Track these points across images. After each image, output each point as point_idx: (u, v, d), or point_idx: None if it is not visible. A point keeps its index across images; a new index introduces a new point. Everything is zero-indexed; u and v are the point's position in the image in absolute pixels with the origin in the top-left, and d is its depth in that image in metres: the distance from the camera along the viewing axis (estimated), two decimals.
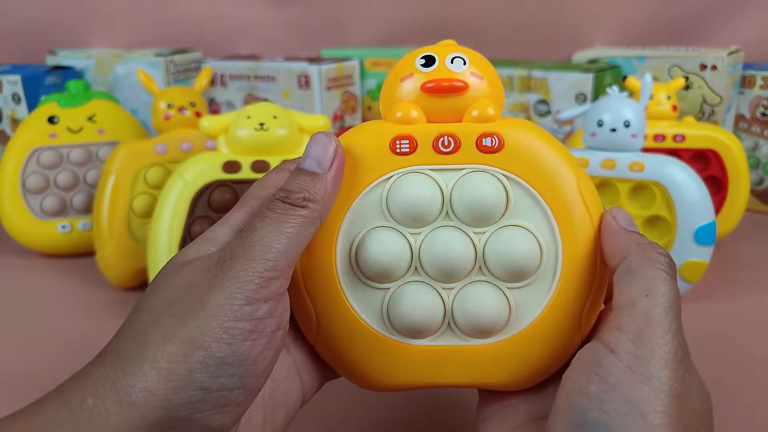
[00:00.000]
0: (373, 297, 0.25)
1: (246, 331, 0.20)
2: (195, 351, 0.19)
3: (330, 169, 0.23)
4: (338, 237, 0.25)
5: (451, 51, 0.25)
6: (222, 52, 0.77)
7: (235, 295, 0.20)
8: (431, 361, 0.25)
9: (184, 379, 0.19)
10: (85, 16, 0.80)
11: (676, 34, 0.73)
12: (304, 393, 0.26)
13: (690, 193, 0.43)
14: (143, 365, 0.19)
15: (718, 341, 0.41)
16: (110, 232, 0.48)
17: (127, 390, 0.19)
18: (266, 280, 0.21)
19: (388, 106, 0.26)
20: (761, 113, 0.63)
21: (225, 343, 0.19)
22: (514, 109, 0.66)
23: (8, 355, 0.41)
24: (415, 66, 0.25)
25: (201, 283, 0.21)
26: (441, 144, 0.24)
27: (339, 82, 0.63)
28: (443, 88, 0.24)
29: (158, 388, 0.19)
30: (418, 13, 0.78)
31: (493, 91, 0.25)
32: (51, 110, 0.56)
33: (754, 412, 0.34)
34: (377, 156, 0.25)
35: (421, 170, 0.25)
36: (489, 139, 0.24)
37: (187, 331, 0.19)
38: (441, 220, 0.25)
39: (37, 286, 0.52)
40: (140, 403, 0.19)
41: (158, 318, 0.20)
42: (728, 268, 0.51)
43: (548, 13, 0.76)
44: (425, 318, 0.24)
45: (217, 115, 0.42)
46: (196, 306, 0.20)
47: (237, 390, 0.20)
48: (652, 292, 0.20)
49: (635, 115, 0.43)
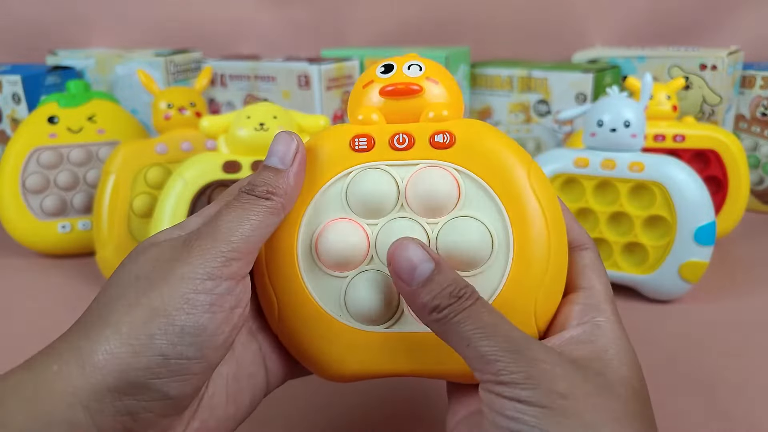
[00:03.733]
0: (331, 285, 0.26)
1: (206, 303, 0.21)
2: (156, 318, 0.20)
3: (292, 165, 0.25)
4: (300, 228, 0.26)
5: (410, 59, 0.27)
6: (222, 52, 0.77)
7: (197, 270, 0.21)
8: (388, 348, 0.25)
9: (144, 344, 0.20)
10: (85, 16, 0.80)
11: (676, 34, 0.73)
12: (268, 381, 0.27)
13: (690, 193, 0.43)
14: (106, 330, 0.20)
15: (718, 341, 0.41)
16: (110, 232, 0.48)
17: (90, 354, 0.20)
18: (228, 260, 0.22)
19: (352, 111, 0.28)
20: (761, 113, 0.63)
21: (185, 313, 0.21)
22: (514, 109, 0.66)
23: (8, 355, 0.41)
24: (375, 74, 0.27)
25: (167, 258, 0.22)
26: (396, 141, 0.26)
27: (339, 82, 0.63)
28: (399, 90, 0.26)
29: (119, 351, 0.20)
30: (418, 13, 0.78)
31: (450, 96, 0.27)
32: (51, 110, 0.56)
33: (754, 412, 0.34)
34: (338, 153, 0.26)
35: (378, 165, 0.26)
36: (441, 135, 0.26)
37: (149, 299, 0.21)
38: (396, 212, 0.26)
39: (37, 286, 0.52)
40: (101, 365, 0.20)
41: (124, 289, 0.21)
42: (728, 268, 0.51)
43: (548, 13, 0.76)
44: (380, 305, 0.25)
45: (217, 115, 0.42)
46: (159, 278, 0.21)
47: (194, 360, 0.21)
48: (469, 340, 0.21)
49: (635, 115, 0.43)
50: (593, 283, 0.25)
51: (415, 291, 0.22)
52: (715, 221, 0.43)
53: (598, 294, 0.25)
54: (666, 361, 0.39)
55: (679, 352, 0.40)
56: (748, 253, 0.55)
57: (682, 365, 0.38)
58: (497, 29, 0.77)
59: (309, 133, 0.43)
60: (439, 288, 0.22)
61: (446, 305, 0.22)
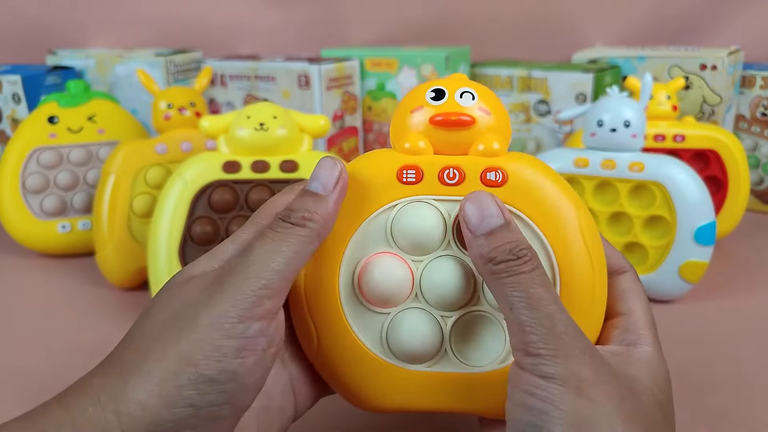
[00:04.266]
0: (373, 321, 0.25)
1: (235, 348, 0.20)
2: (186, 368, 0.20)
3: (333, 191, 0.24)
4: (342, 260, 0.25)
5: (461, 86, 0.26)
6: (222, 52, 0.77)
7: (227, 313, 0.20)
8: (427, 386, 0.25)
9: (174, 396, 0.19)
10: (85, 16, 0.80)
11: (676, 34, 0.73)
12: (297, 407, 0.26)
13: (690, 193, 0.43)
14: (141, 379, 0.20)
15: (718, 341, 0.41)
16: (110, 232, 0.48)
17: (125, 402, 0.19)
18: (259, 299, 0.21)
19: (397, 136, 0.26)
20: (761, 113, 0.63)
21: (215, 360, 0.20)
22: (514, 109, 0.66)
23: (8, 355, 0.41)
24: (425, 99, 0.26)
25: (198, 300, 0.21)
26: (446, 176, 0.25)
27: (339, 82, 0.63)
28: (451, 122, 0.25)
29: (150, 403, 0.19)
30: (418, 13, 0.78)
31: (500, 125, 0.26)
32: (51, 110, 0.56)
33: (754, 412, 0.34)
34: (384, 184, 0.25)
35: (426, 200, 0.25)
36: (493, 173, 0.25)
37: (179, 347, 0.20)
38: (443, 250, 0.25)
39: (37, 286, 0.52)
40: (136, 416, 0.19)
41: (161, 332, 0.21)
42: (728, 268, 0.51)
43: (548, 13, 0.76)
44: (423, 344, 0.25)
45: (217, 115, 0.42)
46: (190, 323, 0.20)
47: (224, 405, 0.20)
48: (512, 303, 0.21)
49: (635, 115, 0.43)
50: (633, 307, 0.25)
51: (477, 239, 0.22)
52: (715, 221, 0.43)
53: (637, 319, 0.25)
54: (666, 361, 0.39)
55: (679, 352, 0.40)
56: (748, 253, 0.55)
57: (681, 365, 0.38)
58: (497, 29, 0.77)
59: (309, 133, 0.43)
60: (501, 242, 0.22)
61: (503, 260, 0.22)
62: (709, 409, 0.34)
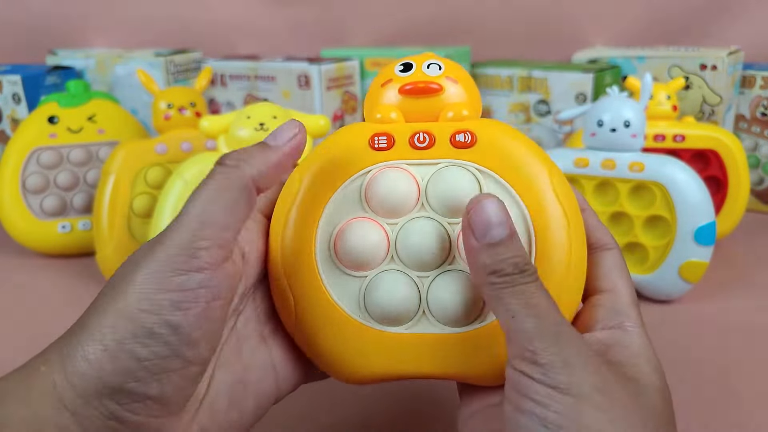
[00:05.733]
0: (350, 285, 0.26)
1: (174, 301, 0.20)
2: (123, 322, 0.20)
3: (284, 145, 0.24)
4: (318, 227, 0.26)
5: (428, 59, 0.27)
6: (222, 52, 0.77)
7: (163, 267, 0.20)
8: (408, 350, 0.25)
9: (116, 349, 0.20)
10: (85, 16, 0.80)
11: (676, 34, 0.73)
12: (279, 387, 0.26)
13: (690, 193, 0.43)
14: (83, 335, 0.20)
15: (718, 341, 0.41)
16: (110, 232, 0.48)
17: (71, 359, 0.20)
18: (196, 251, 0.21)
19: (370, 110, 0.27)
20: (761, 113, 0.63)
21: (152, 314, 0.20)
22: (514, 109, 0.66)
23: (8, 355, 0.41)
24: (394, 72, 0.27)
25: (138, 259, 0.21)
26: (417, 140, 0.26)
27: (339, 82, 0.63)
28: (419, 89, 0.26)
29: (94, 357, 0.20)
30: (418, 13, 0.78)
31: (469, 95, 0.27)
32: (51, 110, 0.56)
33: (754, 412, 0.34)
34: (357, 151, 0.26)
35: (398, 164, 0.26)
36: (462, 135, 0.26)
37: (116, 304, 0.20)
38: (417, 211, 0.26)
39: (37, 286, 0.52)
40: (81, 371, 0.20)
41: (104, 294, 0.21)
42: (728, 268, 0.51)
43: (548, 13, 0.76)
44: (400, 305, 0.25)
45: (217, 115, 0.42)
46: (127, 280, 0.21)
47: (171, 357, 0.20)
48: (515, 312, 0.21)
49: (635, 115, 0.43)
50: (617, 285, 0.25)
51: (480, 248, 0.22)
52: (715, 221, 0.43)
53: (622, 297, 0.25)
54: (666, 361, 0.38)
55: (679, 352, 0.40)
56: (748, 253, 0.55)
57: (682, 365, 0.38)
58: (497, 29, 0.77)
59: (309, 133, 0.43)
60: (507, 255, 0.21)
61: (507, 273, 0.21)
62: (709, 409, 0.34)
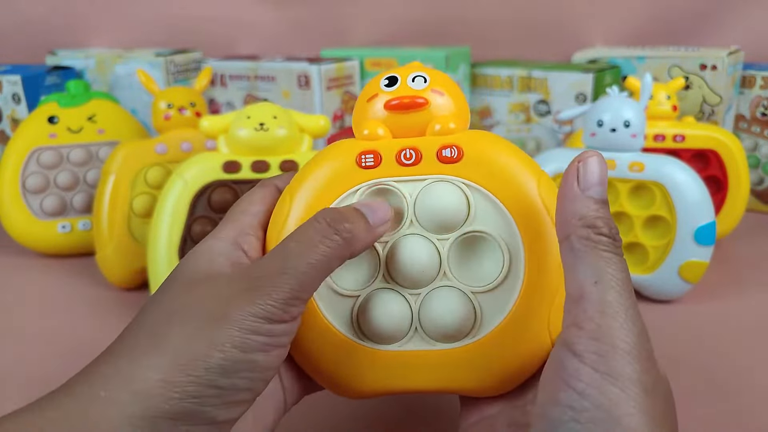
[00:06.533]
0: (342, 304, 0.26)
1: (262, 344, 0.21)
2: (213, 352, 0.20)
3: (379, 228, 0.24)
4: None
5: (414, 71, 0.27)
6: (222, 52, 0.77)
7: (259, 313, 0.21)
8: (402, 366, 0.25)
9: (201, 376, 0.20)
10: (85, 16, 0.80)
11: (676, 34, 0.73)
12: (286, 400, 0.27)
13: (690, 193, 0.43)
14: (163, 359, 0.20)
15: (718, 341, 0.41)
16: (110, 232, 0.48)
17: (143, 381, 0.20)
18: (289, 307, 0.22)
19: (357, 126, 0.27)
20: (761, 113, 0.63)
21: (241, 351, 0.21)
22: (514, 109, 0.66)
23: (8, 355, 0.41)
24: (379, 87, 0.27)
25: (227, 294, 0.22)
26: (403, 156, 0.26)
27: (339, 82, 0.63)
28: (404, 104, 0.26)
29: (175, 380, 0.20)
30: (418, 13, 0.78)
31: (456, 107, 0.26)
32: (51, 110, 0.56)
33: (754, 413, 0.34)
34: (345, 171, 0.26)
35: (386, 182, 0.26)
36: (449, 150, 0.25)
37: (209, 334, 0.21)
38: (406, 229, 0.26)
39: (37, 286, 0.52)
40: (155, 393, 0.19)
41: (182, 319, 0.21)
42: (728, 268, 0.51)
43: (548, 13, 0.76)
44: (393, 323, 0.25)
45: (217, 115, 0.42)
46: (219, 314, 0.21)
47: (246, 390, 0.21)
48: (600, 277, 0.20)
49: (635, 115, 0.43)
50: None
51: (581, 196, 0.21)
52: (715, 221, 0.43)
53: None
54: (666, 362, 0.38)
55: (679, 353, 0.40)
56: (748, 253, 0.55)
57: (682, 365, 0.38)
58: (497, 29, 0.77)
59: (309, 133, 0.43)
60: (606, 215, 0.21)
61: (604, 234, 0.20)
62: (709, 409, 0.34)
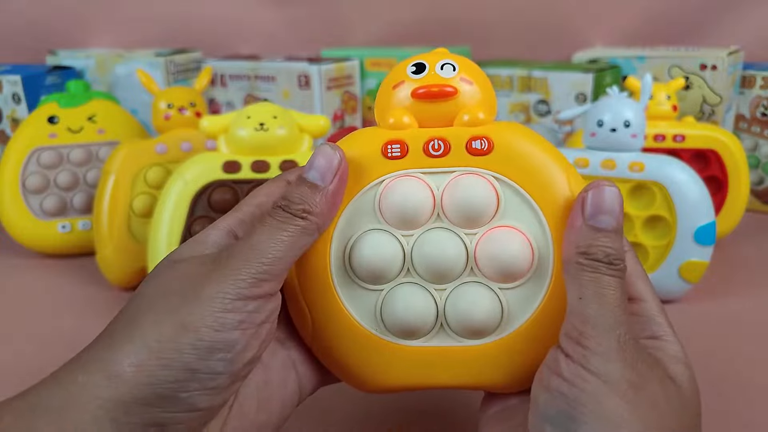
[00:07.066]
0: (366, 298, 0.25)
1: (235, 321, 0.21)
2: (186, 334, 0.20)
3: (332, 182, 0.24)
4: (332, 239, 0.25)
5: (442, 58, 0.26)
6: (222, 52, 0.77)
7: (228, 290, 0.21)
8: (425, 362, 0.25)
9: (173, 359, 0.20)
10: (85, 16, 0.80)
11: (676, 34, 0.73)
12: (301, 388, 0.26)
13: (690, 193, 0.43)
14: (133, 343, 0.20)
15: (718, 341, 0.41)
16: (110, 232, 0.48)
17: (116, 366, 0.20)
18: (258, 282, 0.22)
19: (381, 114, 0.26)
20: (761, 113, 0.63)
21: (215, 330, 0.21)
22: (514, 109, 0.66)
23: (8, 355, 0.41)
24: (406, 74, 0.26)
25: (196, 275, 0.22)
26: (431, 147, 0.25)
27: (339, 82, 0.63)
28: (433, 93, 0.25)
29: (147, 364, 0.20)
30: (418, 13, 0.78)
31: (485, 96, 0.26)
32: (51, 110, 0.56)
33: (754, 412, 0.34)
34: (370, 160, 0.25)
35: (413, 173, 0.25)
36: (478, 141, 0.25)
37: (179, 316, 0.21)
38: (432, 222, 0.25)
39: (37, 286, 0.52)
40: (128, 378, 0.20)
41: (152, 305, 0.21)
42: (728, 268, 0.51)
43: (548, 13, 0.76)
44: (418, 319, 0.24)
45: (217, 115, 0.42)
46: (189, 295, 0.21)
47: (224, 374, 0.21)
48: (584, 294, 0.21)
49: (635, 115, 0.43)
50: (643, 293, 0.24)
51: (583, 227, 0.22)
52: (715, 221, 0.43)
53: (650, 305, 0.24)
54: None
55: None
56: (748, 253, 0.55)
57: None
58: (497, 29, 0.77)
59: (309, 133, 0.43)
60: (604, 243, 0.22)
61: (596, 258, 0.22)
62: (709, 409, 0.34)
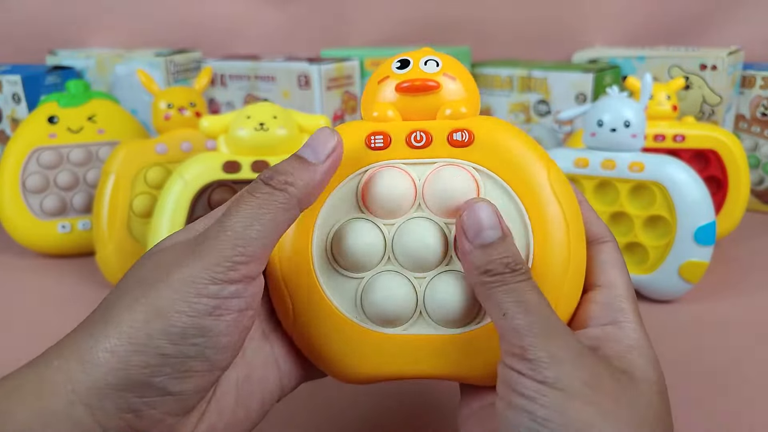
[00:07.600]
0: (347, 286, 0.25)
1: (210, 307, 0.21)
2: (156, 319, 0.20)
3: (324, 161, 0.23)
4: (314, 228, 0.25)
5: (426, 55, 0.26)
6: (222, 52, 0.77)
7: (200, 274, 0.21)
8: (405, 351, 0.25)
9: (144, 343, 0.20)
10: (85, 16, 0.80)
11: (676, 34, 0.73)
12: (282, 384, 0.26)
13: (690, 193, 0.43)
14: (106, 329, 0.20)
15: (717, 341, 0.41)
16: (110, 232, 0.48)
17: (90, 351, 0.20)
18: (234, 264, 0.21)
19: (367, 108, 0.27)
20: (761, 113, 0.63)
21: (186, 316, 0.20)
22: (514, 109, 0.66)
23: (8, 355, 0.41)
24: (391, 69, 0.26)
25: (169, 261, 0.21)
26: (414, 139, 0.25)
27: (339, 82, 0.63)
28: (416, 87, 0.26)
29: (119, 349, 0.20)
30: (418, 13, 0.78)
31: (468, 92, 0.26)
32: (51, 110, 0.56)
33: (753, 412, 0.34)
34: (353, 151, 0.25)
35: (395, 164, 0.26)
36: (460, 133, 0.25)
37: (149, 300, 0.20)
38: (414, 212, 0.25)
39: (37, 286, 0.52)
40: (101, 363, 0.19)
41: (128, 292, 0.21)
42: (728, 268, 0.51)
43: (548, 13, 0.76)
44: (397, 306, 0.25)
45: (217, 115, 0.42)
46: (161, 280, 0.21)
47: (198, 359, 0.21)
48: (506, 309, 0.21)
49: (635, 115, 0.43)
50: (613, 280, 0.25)
51: (473, 249, 0.22)
52: (715, 221, 0.43)
53: (618, 292, 0.24)
54: (666, 361, 0.38)
55: (679, 353, 0.40)
56: (748, 253, 0.55)
57: (682, 365, 0.38)
58: (497, 29, 0.77)
59: (309, 133, 0.43)
60: (498, 255, 0.22)
61: (498, 272, 0.22)
62: (709, 409, 0.34)
